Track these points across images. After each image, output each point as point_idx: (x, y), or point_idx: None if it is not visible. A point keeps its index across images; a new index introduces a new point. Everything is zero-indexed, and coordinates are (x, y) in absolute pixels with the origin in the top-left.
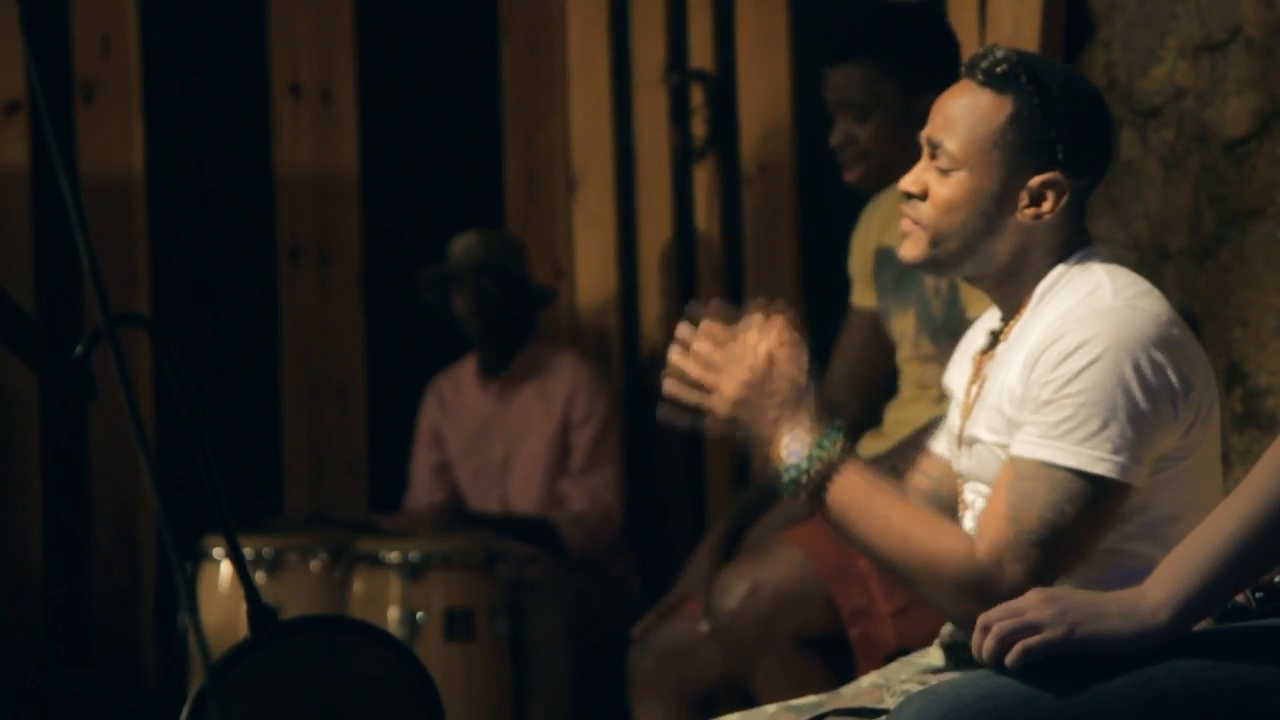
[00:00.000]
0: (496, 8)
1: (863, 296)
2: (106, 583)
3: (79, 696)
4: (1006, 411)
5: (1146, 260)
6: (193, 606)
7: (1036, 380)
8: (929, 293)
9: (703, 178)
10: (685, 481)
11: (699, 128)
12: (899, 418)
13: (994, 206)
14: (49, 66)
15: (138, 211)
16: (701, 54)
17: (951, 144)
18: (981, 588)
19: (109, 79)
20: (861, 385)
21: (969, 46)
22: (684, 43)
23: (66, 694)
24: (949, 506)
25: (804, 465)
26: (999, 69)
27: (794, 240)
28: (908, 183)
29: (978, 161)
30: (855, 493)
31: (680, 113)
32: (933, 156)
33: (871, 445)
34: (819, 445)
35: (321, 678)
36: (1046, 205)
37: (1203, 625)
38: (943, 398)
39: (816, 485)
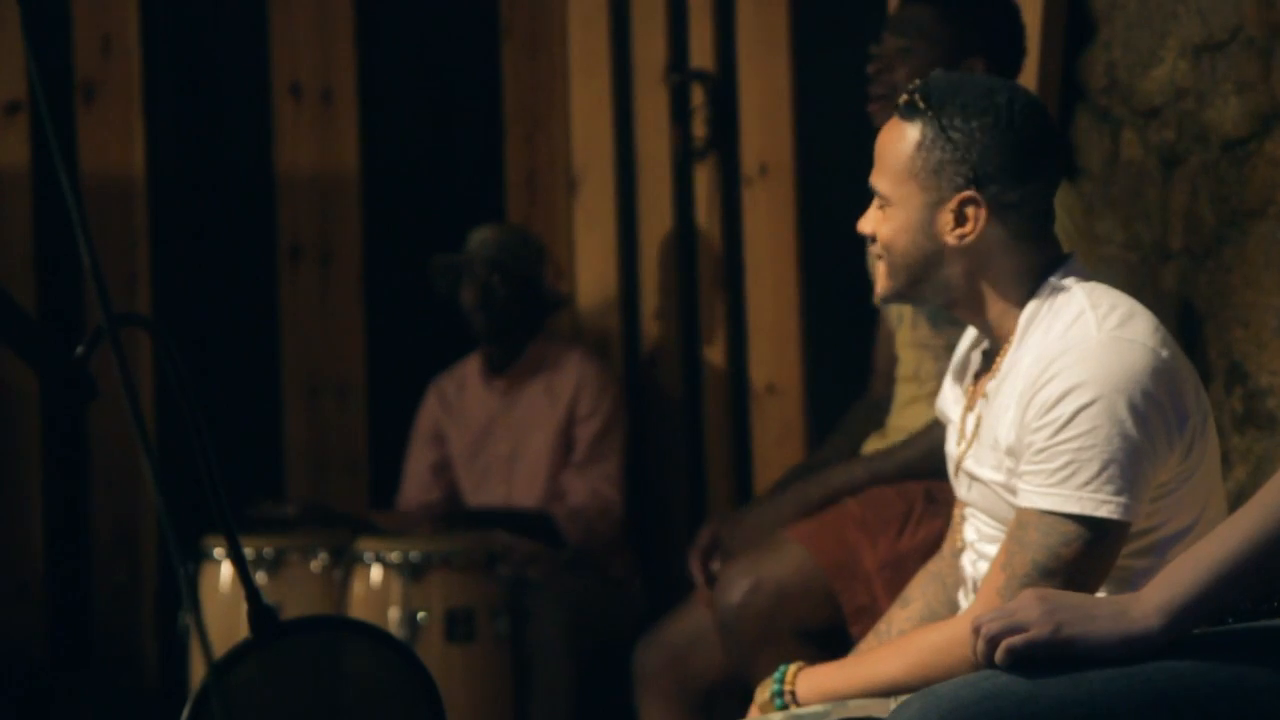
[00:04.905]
0: (497, 8)
1: None
2: (106, 583)
3: (79, 696)
4: (1004, 452)
5: (1147, 260)
6: (194, 606)
7: (1029, 426)
8: None
9: (703, 178)
10: (687, 483)
11: (699, 128)
12: (900, 423)
13: (924, 234)
14: (49, 66)
15: (138, 211)
16: (702, 54)
17: (879, 182)
18: None
19: (109, 79)
20: (888, 377)
21: None
22: (684, 43)
23: (66, 694)
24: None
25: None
26: (903, 100)
27: (794, 240)
28: (862, 225)
29: (901, 194)
30: (829, 677)
31: (681, 113)
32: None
33: (873, 445)
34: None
35: (322, 678)
36: (969, 226)
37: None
38: (931, 396)
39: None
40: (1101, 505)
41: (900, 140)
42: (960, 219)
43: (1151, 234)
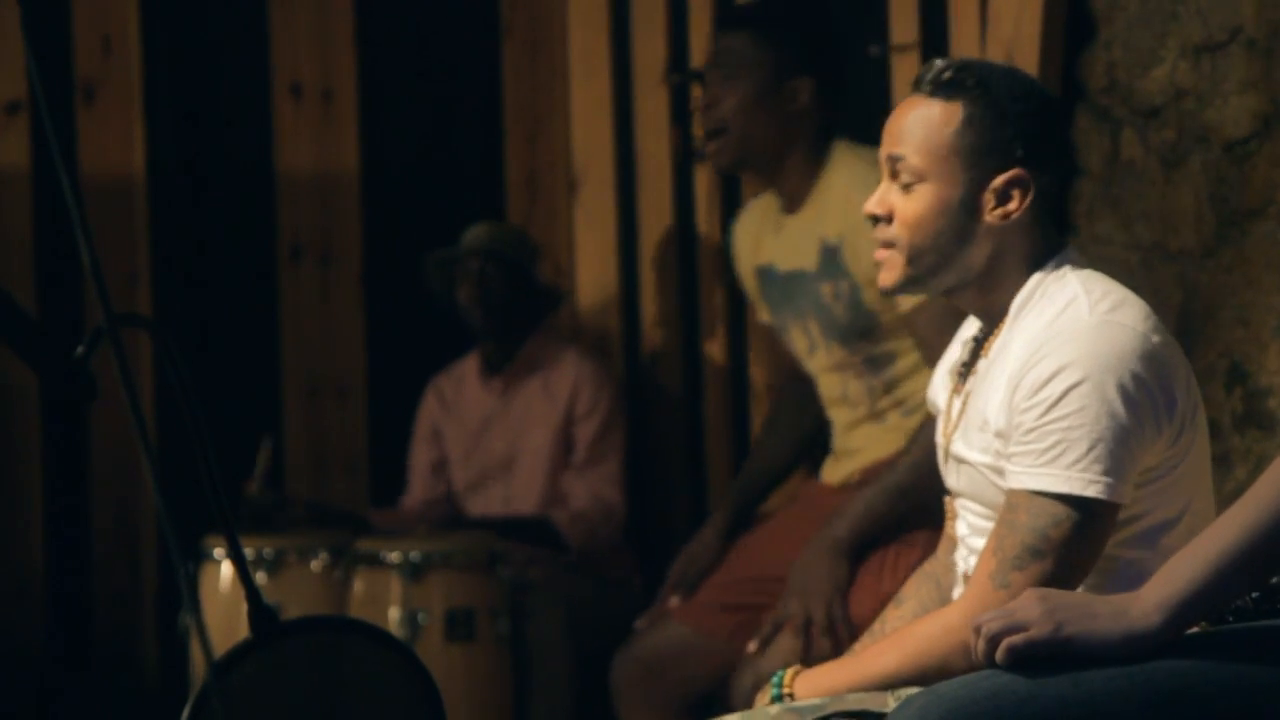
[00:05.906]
0: (498, 8)
1: (763, 312)
2: (106, 583)
3: (79, 697)
4: (993, 434)
5: (1147, 261)
6: (195, 607)
7: (1018, 406)
8: (827, 298)
9: (703, 178)
10: (686, 483)
11: (699, 128)
12: (848, 445)
13: (962, 213)
14: (50, 66)
15: (138, 211)
16: (702, 54)
17: (912, 157)
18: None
19: (110, 79)
20: (794, 372)
21: (970, 46)
22: (684, 43)
23: (66, 694)
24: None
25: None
26: (945, 76)
27: None
28: (872, 205)
29: (939, 170)
30: (827, 675)
31: (681, 113)
32: (894, 175)
33: (833, 471)
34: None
35: (322, 678)
36: (1014, 204)
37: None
38: (875, 413)
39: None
40: (1090, 485)
41: (941, 116)
42: (1003, 197)
43: (1151, 234)
